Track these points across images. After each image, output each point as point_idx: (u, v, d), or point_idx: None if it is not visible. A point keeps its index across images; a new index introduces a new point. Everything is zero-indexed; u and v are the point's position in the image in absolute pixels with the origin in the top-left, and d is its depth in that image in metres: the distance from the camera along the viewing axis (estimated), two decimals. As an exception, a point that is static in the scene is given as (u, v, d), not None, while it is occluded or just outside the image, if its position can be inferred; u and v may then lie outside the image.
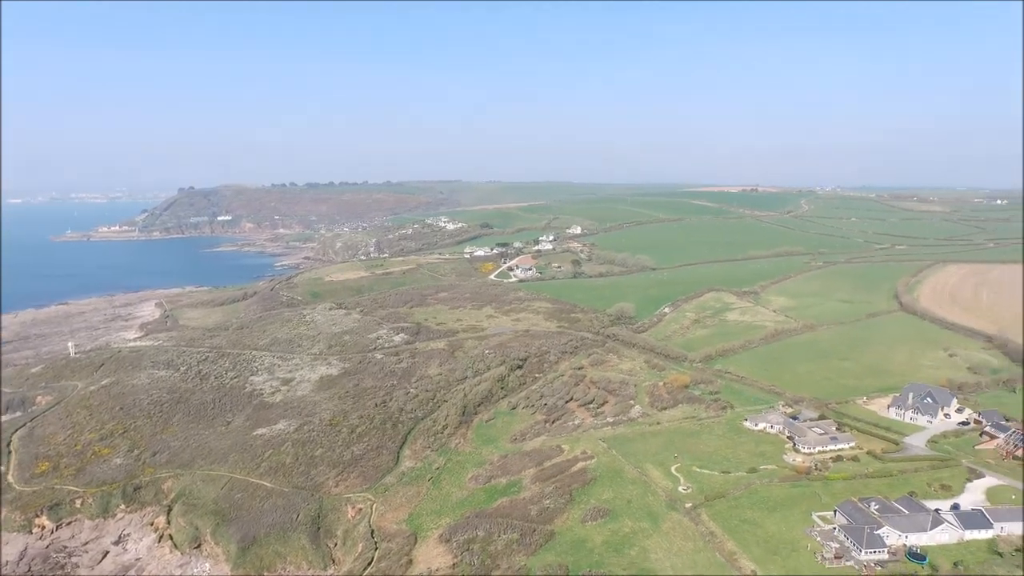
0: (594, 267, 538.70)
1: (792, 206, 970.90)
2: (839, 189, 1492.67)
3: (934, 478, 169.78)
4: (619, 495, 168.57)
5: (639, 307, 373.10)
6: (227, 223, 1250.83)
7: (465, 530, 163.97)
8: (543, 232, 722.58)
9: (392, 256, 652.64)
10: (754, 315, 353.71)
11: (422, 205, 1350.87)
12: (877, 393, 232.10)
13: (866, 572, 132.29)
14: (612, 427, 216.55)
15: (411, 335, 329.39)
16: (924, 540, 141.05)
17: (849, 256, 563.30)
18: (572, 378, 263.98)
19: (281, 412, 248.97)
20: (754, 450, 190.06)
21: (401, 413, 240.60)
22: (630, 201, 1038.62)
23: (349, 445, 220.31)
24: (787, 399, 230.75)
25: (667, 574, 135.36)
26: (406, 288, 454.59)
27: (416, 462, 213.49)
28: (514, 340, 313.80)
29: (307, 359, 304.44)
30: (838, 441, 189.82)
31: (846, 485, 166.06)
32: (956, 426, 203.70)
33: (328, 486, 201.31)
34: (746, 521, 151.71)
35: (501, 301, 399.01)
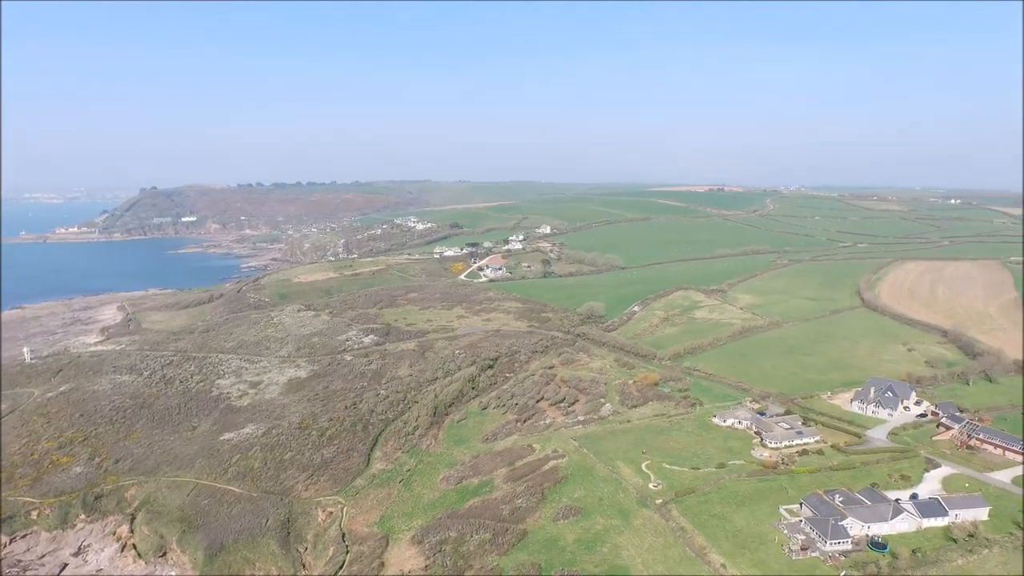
0: (564, 266, 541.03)
1: (758, 205, 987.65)
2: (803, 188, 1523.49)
3: (894, 469, 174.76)
4: (590, 493, 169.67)
5: (609, 306, 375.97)
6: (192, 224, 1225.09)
7: (437, 531, 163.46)
8: (513, 232, 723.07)
9: (361, 257, 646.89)
10: (722, 313, 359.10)
11: (391, 205, 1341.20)
12: (841, 388, 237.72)
13: (831, 563, 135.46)
14: (583, 425, 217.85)
15: (381, 336, 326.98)
16: (885, 529, 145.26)
17: (813, 254, 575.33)
18: (543, 377, 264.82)
19: (249, 416, 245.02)
20: (723, 446, 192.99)
21: (371, 415, 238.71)
22: (599, 201, 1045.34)
23: (319, 448, 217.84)
24: (754, 395, 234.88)
25: (638, 570, 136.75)
26: (375, 289, 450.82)
27: (387, 464, 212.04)
28: (485, 340, 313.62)
29: (275, 361, 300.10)
30: (804, 435, 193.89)
31: (812, 478, 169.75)
32: (915, 418, 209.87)
33: (298, 490, 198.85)
34: (715, 516, 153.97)
35: (471, 301, 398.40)
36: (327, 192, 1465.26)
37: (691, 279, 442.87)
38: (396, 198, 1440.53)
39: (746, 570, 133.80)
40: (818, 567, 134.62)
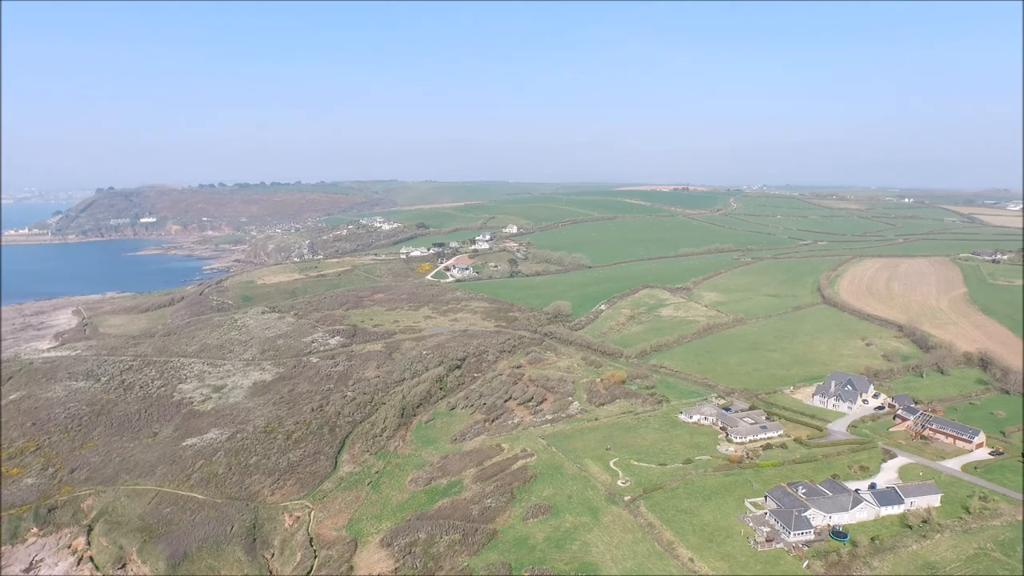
0: (531, 266, 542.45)
1: (721, 204, 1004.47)
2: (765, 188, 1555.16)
3: (854, 460, 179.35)
4: (560, 491, 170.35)
5: (576, 305, 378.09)
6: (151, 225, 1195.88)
7: (406, 533, 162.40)
8: (479, 232, 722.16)
9: (327, 258, 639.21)
10: (687, 311, 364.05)
11: (357, 205, 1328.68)
12: (803, 382, 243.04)
13: (795, 553, 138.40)
14: (551, 424, 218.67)
15: (347, 337, 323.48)
16: (846, 519, 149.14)
17: (775, 252, 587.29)
18: (511, 377, 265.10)
19: (212, 420, 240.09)
20: (689, 442, 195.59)
21: (338, 417, 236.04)
22: (565, 200, 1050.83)
23: (285, 452, 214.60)
24: (720, 391, 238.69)
25: (608, 566, 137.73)
26: (341, 290, 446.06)
27: (355, 467, 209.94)
28: (452, 340, 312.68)
29: (239, 365, 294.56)
30: (768, 430, 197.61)
31: (776, 471, 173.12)
32: (873, 411, 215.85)
33: (264, 495, 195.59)
34: (683, 511, 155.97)
35: (438, 301, 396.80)
36: (291, 192, 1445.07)
37: (657, 277, 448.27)
38: (362, 198, 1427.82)
39: (713, 563, 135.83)
40: (782, 558, 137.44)
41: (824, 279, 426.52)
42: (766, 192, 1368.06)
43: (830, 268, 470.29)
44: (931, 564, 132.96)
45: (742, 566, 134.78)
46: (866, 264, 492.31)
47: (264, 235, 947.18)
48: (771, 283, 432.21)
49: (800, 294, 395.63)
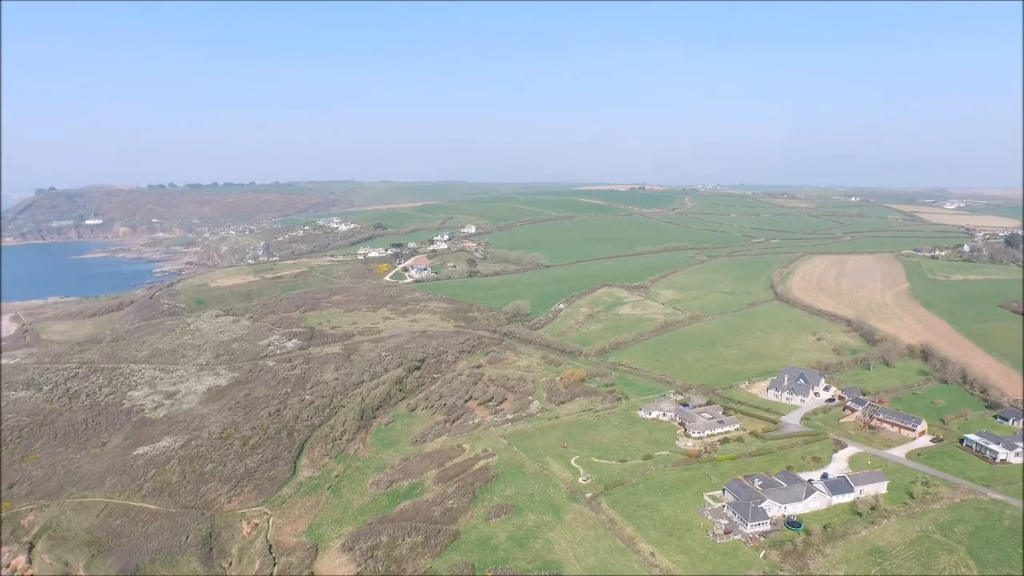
0: (489, 266, 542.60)
1: (677, 203, 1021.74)
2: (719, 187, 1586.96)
3: (807, 452, 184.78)
4: (521, 490, 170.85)
5: (534, 304, 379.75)
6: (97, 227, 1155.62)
7: (368, 537, 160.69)
8: (438, 232, 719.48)
9: (282, 259, 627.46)
10: (644, 308, 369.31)
11: (313, 206, 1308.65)
12: (758, 377, 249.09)
13: (752, 544, 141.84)
14: (512, 423, 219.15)
15: (304, 340, 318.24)
16: (800, 509, 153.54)
17: (730, 250, 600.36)
18: (471, 377, 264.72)
19: (165, 428, 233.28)
20: (648, 438, 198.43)
21: (296, 421, 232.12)
22: (523, 200, 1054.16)
23: (242, 458, 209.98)
24: (677, 387, 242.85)
25: (571, 563, 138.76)
26: (298, 292, 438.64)
27: (314, 471, 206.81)
28: (411, 341, 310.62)
29: (193, 370, 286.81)
30: (724, 424, 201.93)
31: (733, 465, 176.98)
32: (824, 403, 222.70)
33: (220, 503, 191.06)
34: (643, 506, 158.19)
35: (397, 302, 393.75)
36: (245, 193, 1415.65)
37: (615, 276, 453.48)
38: (318, 199, 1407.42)
39: (674, 557, 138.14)
40: (740, 549, 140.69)
41: (777, 276, 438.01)
42: (720, 191, 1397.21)
43: (782, 265, 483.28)
44: (879, 549, 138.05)
45: (701, 558, 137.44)
46: (816, 261, 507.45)
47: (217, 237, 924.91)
48: (726, 280, 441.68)
49: (754, 291, 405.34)
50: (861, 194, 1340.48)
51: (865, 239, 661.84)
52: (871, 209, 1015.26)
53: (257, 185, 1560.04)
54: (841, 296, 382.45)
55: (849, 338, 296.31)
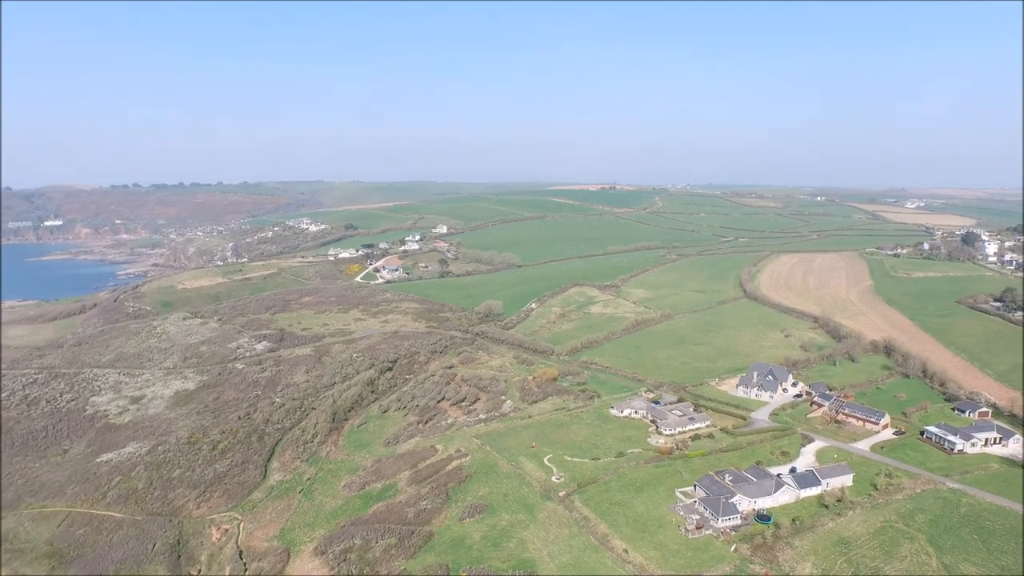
0: (461, 266, 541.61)
1: (647, 203, 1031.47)
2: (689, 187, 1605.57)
3: (776, 447, 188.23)
4: (495, 490, 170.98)
5: (506, 304, 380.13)
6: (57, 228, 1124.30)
7: (341, 540, 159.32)
8: (409, 232, 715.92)
9: (251, 260, 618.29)
10: (616, 307, 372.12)
11: (282, 206, 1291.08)
12: (727, 374, 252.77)
13: (723, 538, 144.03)
14: (485, 423, 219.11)
15: (275, 342, 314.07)
16: (769, 503, 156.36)
17: (699, 249, 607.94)
18: (443, 377, 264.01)
19: (131, 433, 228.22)
20: (621, 435, 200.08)
21: (267, 424, 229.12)
22: (494, 200, 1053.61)
23: (211, 463, 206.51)
24: (649, 385, 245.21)
25: (545, 562, 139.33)
26: (268, 293, 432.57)
27: (285, 474, 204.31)
28: (383, 342, 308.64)
29: (159, 374, 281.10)
30: (695, 421, 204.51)
31: (704, 461, 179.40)
32: (792, 398, 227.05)
33: (189, 509, 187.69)
34: (616, 503, 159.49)
35: (368, 303, 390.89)
36: (213, 193, 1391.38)
37: (586, 275, 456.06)
38: (288, 199, 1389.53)
39: (647, 553, 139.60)
40: (712, 543, 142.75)
41: (745, 274, 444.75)
42: (689, 191, 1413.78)
43: (751, 264, 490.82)
44: (845, 540, 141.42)
45: (674, 554, 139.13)
46: (784, 259, 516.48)
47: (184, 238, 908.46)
48: (696, 279, 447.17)
49: (723, 289, 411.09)
50: (826, 194, 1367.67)
51: (831, 238, 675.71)
52: (836, 208, 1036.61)
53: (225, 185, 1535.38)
54: (808, 294, 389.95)
55: (816, 335, 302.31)
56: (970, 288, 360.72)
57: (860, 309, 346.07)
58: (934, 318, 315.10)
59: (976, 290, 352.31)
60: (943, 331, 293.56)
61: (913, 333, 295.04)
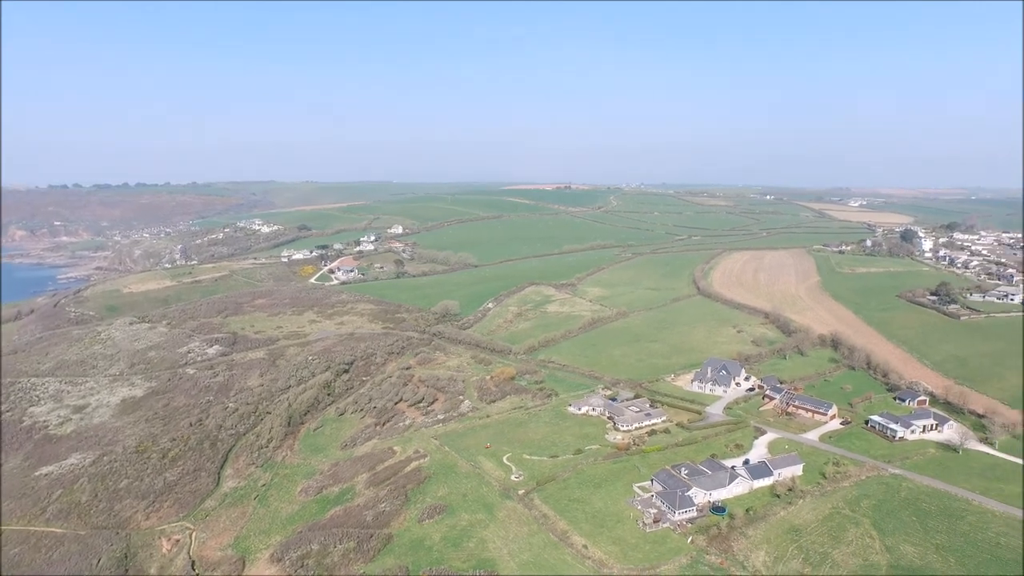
0: (417, 266, 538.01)
1: (602, 202, 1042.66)
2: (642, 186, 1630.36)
3: (730, 439, 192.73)
4: (454, 490, 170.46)
5: (463, 304, 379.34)
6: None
7: (298, 546, 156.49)
8: (364, 233, 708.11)
9: (201, 263, 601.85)
10: (572, 306, 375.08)
11: (233, 207, 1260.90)
12: (682, 370, 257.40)
13: (680, 531, 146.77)
14: (443, 424, 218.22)
15: (227, 346, 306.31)
16: (724, 494, 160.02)
17: (653, 247, 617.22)
18: (400, 378, 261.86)
19: (73, 444, 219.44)
20: (579, 433, 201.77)
21: (220, 430, 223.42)
22: (450, 199, 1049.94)
23: (160, 472, 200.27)
24: (606, 382, 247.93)
25: (505, 560, 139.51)
26: (219, 296, 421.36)
27: (240, 481, 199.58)
28: (339, 344, 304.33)
29: (105, 381, 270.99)
30: (652, 417, 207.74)
31: (661, 455, 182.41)
32: (745, 392, 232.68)
33: (137, 520, 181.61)
34: (575, 500, 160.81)
35: (323, 305, 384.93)
36: (160, 194, 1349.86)
37: (542, 275, 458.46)
38: (239, 199, 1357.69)
39: (606, 548, 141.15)
40: (669, 536, 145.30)
41: (699, 272, 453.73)
42: (643, 190, 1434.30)
43: (704, 261, 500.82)
44: (796, 527, 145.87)
45: (632, 548, 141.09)
46: (736, 257, 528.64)
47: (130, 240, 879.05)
48: (651, 277, 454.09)
49: (677, 287, 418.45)
50: (775, 193, 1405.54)
51: (780, 235, 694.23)
52: (784, 207, 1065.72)
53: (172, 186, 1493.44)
54: (759, 290, 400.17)
55: (767, 330, 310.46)
56: (909, 283, 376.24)
57: (808, 304, 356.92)
58: (877, 312, 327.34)
59: (914, 285, 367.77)
60: (885, 324, 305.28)
61: (858, 327, 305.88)
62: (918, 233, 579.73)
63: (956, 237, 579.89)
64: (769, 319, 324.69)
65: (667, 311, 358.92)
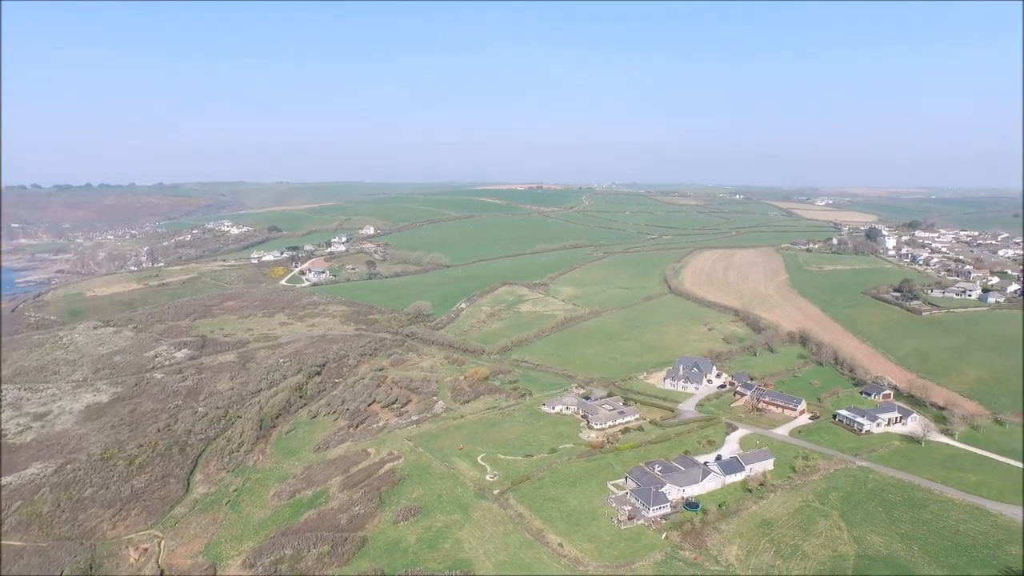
0: (389, 267, 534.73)
1: (574, 202, 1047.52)
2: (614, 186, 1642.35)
3: (702, 436, 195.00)
4: (429, 491, 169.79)
5: (436, 304, 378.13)
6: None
7: (271, 551, 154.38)
8: (335, 233, 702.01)
9: (169, 265, 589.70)
10: (545, 305, 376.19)
11: (201, 208, 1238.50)
12: (655, 368, 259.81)
13: (654, 527, 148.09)
14: (417, 425, 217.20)
15: (196, 349, 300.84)
16: (697, 490, 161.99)
17: (625, 246, 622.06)
18: (373, 380, 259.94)
19: (34, 453, 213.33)
20: (553, 432, 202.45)
21: (189, 435, 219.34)
22: (422, 200, 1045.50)
23: (127, 479, 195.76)
24: (579, 381, 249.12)
25: (481, 560, 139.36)
26: (187, 299, 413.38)
27: (210, 487, 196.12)
28: (311, 346, 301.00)
29: (67, 387, 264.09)
30: (625, 415, 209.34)
31: (634, 453, 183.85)
32: (716, 389, 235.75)
33: (103, 530, 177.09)
34: (550, 499, 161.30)
35: (294, 307, 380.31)
36: (125, 195, 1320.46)
37: (515, 274, 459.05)
38: (207, 200, 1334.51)
39: (581, 545, 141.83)
40: (643, 533, 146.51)
41: (670, 270, 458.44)
42: (615, 190, 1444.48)
43: (675, 260, 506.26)
44: (767, 521, 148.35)
45: (608, 545, 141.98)
46: (706, 255, 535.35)
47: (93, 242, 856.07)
48: (623, 276, 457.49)
49: (649, 285, 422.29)
50: (744, 192, 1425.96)
51: (749, 234, 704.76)
52: (753, 206, 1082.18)
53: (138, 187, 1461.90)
54: (729, 288, 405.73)
55: (737, 327, 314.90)
56: (873, 280, 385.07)
57: (777, 302, 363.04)
58: (843, 309, 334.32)
59: (879, 281, 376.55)
60: (851, 320, 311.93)
61: (825, 323, 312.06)
62: (882, 231, 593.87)
63: (917, 235, 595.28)
64: (739, 317, 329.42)
65: (639, 310, 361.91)
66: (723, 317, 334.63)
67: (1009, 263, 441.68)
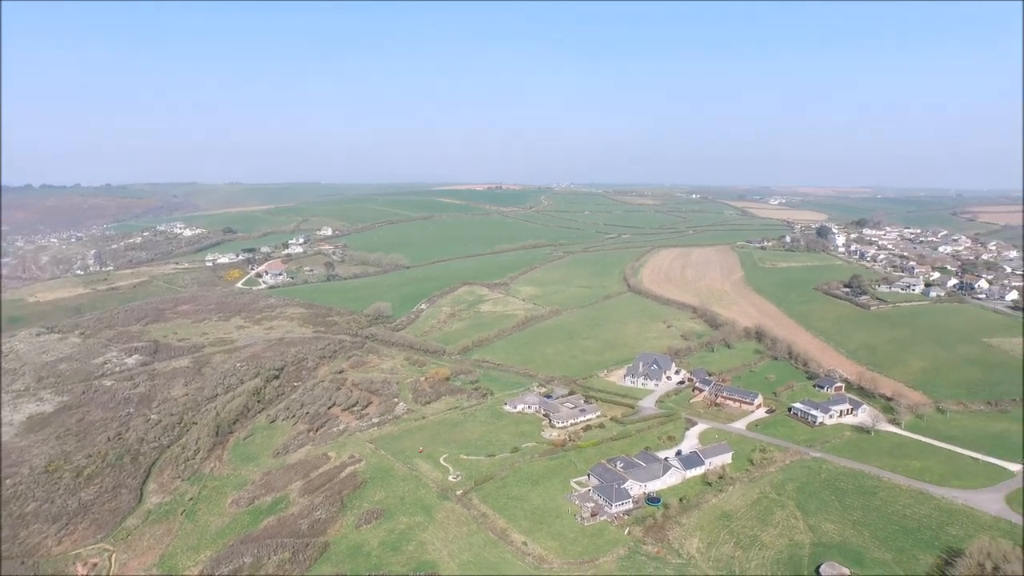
0: (348, 268, 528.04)
1: (533, 202, 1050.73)
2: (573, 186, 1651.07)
3: (663, 432, 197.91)
4: (392, 494, 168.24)
5: (396, 305, 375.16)
6: None
7: (230, 560, 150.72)
8: (293, 235, 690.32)
9: (118, 268, 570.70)
10: (505, 305, 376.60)
11: (152, 210, 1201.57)
12: (615, 365, 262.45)
13: (616, 523, 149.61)
14: (378, 427, 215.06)
15: (148, 355, 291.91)
16: (659, 485, 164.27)
17: (585, 246, 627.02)
18: (333, 383, 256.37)
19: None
20: (515, 431, 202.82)
21: (141, 444, 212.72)
22: (380, 201, 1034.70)
23: (74, 491, 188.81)
24: (540, 380, 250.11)
25: (445, 561, 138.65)
26: (138, 303, 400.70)
27: (165, 496, 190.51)
28: (268, 349, 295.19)
29: (7, 398, 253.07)
30: (587, 412, 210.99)
31: (596, 450, 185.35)
32: (676, 385, 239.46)
33: (47, 546, 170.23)
34: (513, 498, 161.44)
35: (251, 310, 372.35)
36: (69, 196, 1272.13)
37: (475, 275, 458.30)
38: (158, 202, 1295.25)
39: (545, 543, 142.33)
40: (607, 529, 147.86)
41: (629, 269, 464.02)
42: (573, 190, 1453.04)
43: (633, 259, 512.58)
44: (727, 513, 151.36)
45: (571, 542, 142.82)
46: (664, 254, 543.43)
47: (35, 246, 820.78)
48: (582, 275, 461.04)
49: (609, 284, 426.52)
50: (700, 191, 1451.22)
51: (705, 233, 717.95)
52: (709, 205, 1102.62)
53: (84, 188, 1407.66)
54: (687, 286, 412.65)
55: (695, 324, 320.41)
56: (825, 276, 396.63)
57: (734, 299, 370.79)
58: (797, 304, 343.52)
59: (830, 277, 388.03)
60: (804, 316, 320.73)
61: (780, 319, 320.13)
62: (832, 229, 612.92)
63: (865, 233, 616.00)
64: (697, 313, 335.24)
65: (599, 308, 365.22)
66: (681, 314, 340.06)
67: (948, 259, 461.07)
